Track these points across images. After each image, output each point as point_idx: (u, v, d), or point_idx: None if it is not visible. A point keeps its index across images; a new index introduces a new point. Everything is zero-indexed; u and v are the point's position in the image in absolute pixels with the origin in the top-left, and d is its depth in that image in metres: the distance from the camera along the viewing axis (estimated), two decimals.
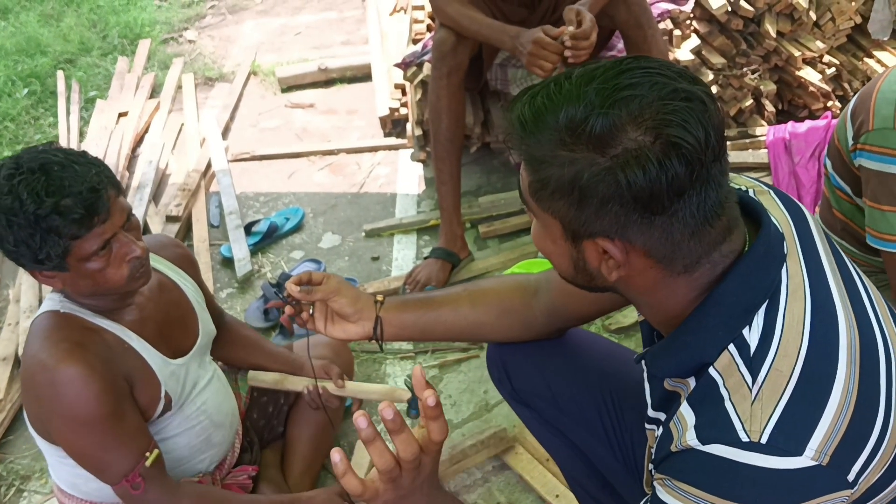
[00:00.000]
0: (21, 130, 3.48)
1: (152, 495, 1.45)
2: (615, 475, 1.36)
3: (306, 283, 1.28)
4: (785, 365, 0.85)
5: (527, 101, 0.87)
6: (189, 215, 2.85)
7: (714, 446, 0.84)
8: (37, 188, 1.29)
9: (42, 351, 1.39)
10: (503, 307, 1.32)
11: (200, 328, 1.63)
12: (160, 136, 3.27)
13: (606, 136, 0.81)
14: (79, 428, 1.39)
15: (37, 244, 1.31)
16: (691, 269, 0.88)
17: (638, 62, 0.85)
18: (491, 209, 2.71)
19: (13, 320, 2.46)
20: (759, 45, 2.80)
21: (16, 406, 2.21)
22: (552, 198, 0.87)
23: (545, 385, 1.37)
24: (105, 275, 1.37)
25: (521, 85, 2.61)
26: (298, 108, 3.51)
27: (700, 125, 0.81)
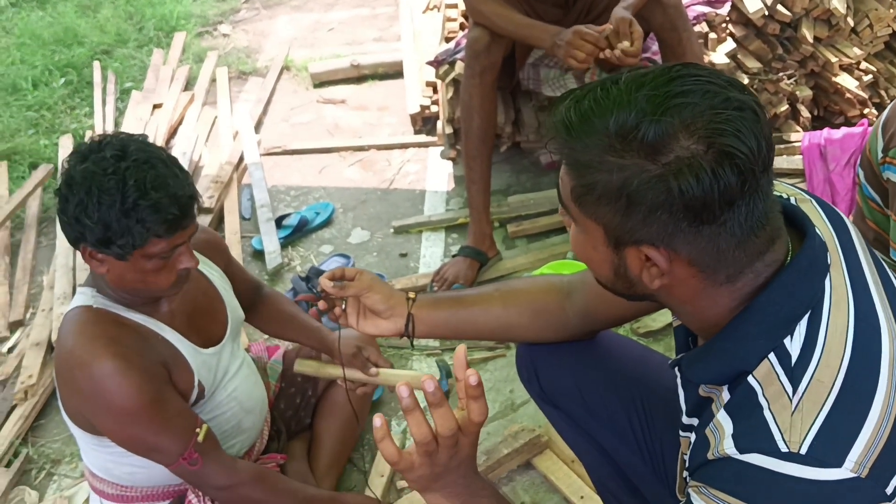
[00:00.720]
0: (57, 119, 3.54)
1: (211, 469, 1.48)
2: (643, 480, 1.35)
3: (339, 279, 1.29)
4: (827, 376, 0.84)
5: (572, 104, 0.87)
6: (221, 207, 2.88)
7: (752, 455, 0.83)
8: (144, 180, 1.31)
9: (78, 347, 1.41)
10: (535, 308, 1.32)
11: (229, 315, 1.65)
12: (194, 128, 3.31)
13: (658, 143, 0.81)
14: (125, 418, 1.42)
15: (119, 229, 1.33)
16: (734, 279, 0.87)
17: (688, 69, 0.84)
18: (520, 209, 2.71)
19: (46, 306, 2.50)
20: (796, 50, 2.77)
21: (48, 391, 2.25)
22: (597, 203, 0.86)
23: (575, 387, 1.36)
24: (156, 276, 1.40)
25: (553, 85, 2.61)
26: (330, 104, 3.53)
27: (752, 135, 0.81)
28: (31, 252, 2.79)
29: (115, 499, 1.62)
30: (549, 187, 2.83)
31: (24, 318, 2.53)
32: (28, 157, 3.29)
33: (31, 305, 2.60)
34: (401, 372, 1.91)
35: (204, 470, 1.48)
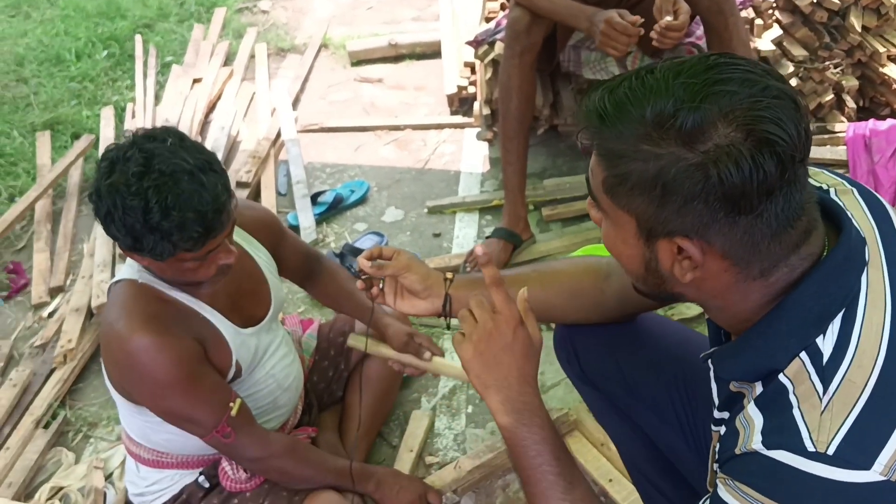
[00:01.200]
0: (100, 91, 3.58)
1: (243, 441, 1.51)
2: (684, 462, 1.34)
3: (377, 258, 1.29)
4: (859, 376, 0.83)
5: (605, 93, 0.86)
6: (258, 182, 2.91)
7: (779, 452, 0.82)
8: (167, 198, 1.28)
9: (118, 321, 1.44)
10: (574, 290, 1.31)
11: (273, 297, 1.66)
12: (232, 103, 3.34)
13: (696, 131, 0.80)
14: (160, 392, 1.45)
15: (147, 244, 1.33)
16: (768, 274, 0.86)
17: (725, 59, 0.83)
18: (555, 192, 2.70)
19: (87, 273, 2.55)
20: (843, 39, 2.71)
21: (87, 356, 2.30)
22: (631, 194, 0.85)
23: (616, 368, 1.36)
24: (195, 273, 1.41)
25: (593, 68, 2.58)
26: (367, 83, 3.53)
27: (792, 123, 0.80)
28: (71, 220, 2.84)
29: (150, 463, 1.66)
30: (585, 171, 2.75)
31: (64, 285, 2.59)
32: (70, 127, 3.34)
33: (71, 272, 2.65)
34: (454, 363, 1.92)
35: (237, 443, 1.51)
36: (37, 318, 2.50)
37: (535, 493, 1.04)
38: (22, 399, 2.19)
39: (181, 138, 1.36)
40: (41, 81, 3.67)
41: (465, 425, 2.03)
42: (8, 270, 2.70)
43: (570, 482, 1.02)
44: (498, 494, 1.85)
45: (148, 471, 1.66)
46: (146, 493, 1.68)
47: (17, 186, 3.05)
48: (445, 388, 2.12)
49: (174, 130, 1.38)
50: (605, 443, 1.86)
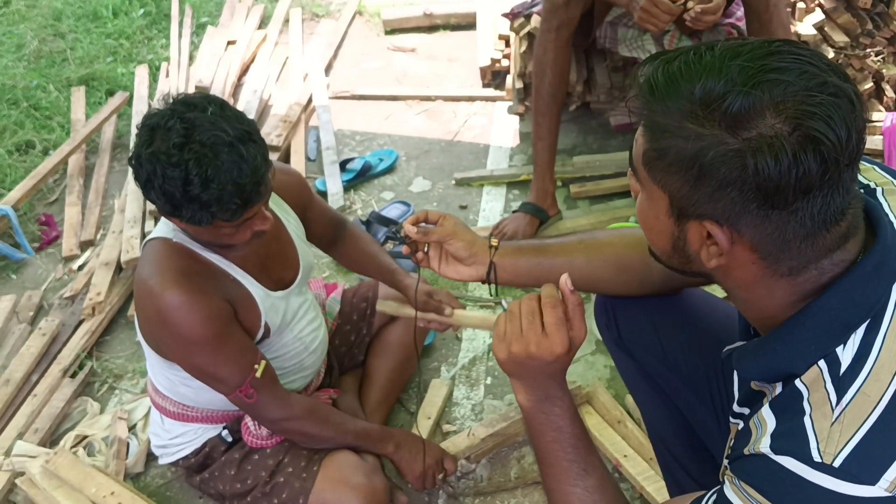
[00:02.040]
0: (135, 49, 3.61)
1: (265, 402, 1.54)
2: (712, 438, 1.34)
3: (423, 221, 1.29)
4: (874, 390, 0.81)
5: (660, 65, 0.84)
6: (288, 146, 2.92)
7: (785, 458, 0.82)
8: (207, 170, 1.28)
9: (151, 277, 1.46)
10: (621, 264, 1.30)
11: (301, 261, 1.67)
12: (265, 67, 3.35)
13: (742, 117, 0.78)
14: (188, 348, 1.47)
15: (186, 213, 1.34)
16: (796, 273, 0.84)
17: (789, 46, 0.80)
18: (585, 169, 2.68)
19: (117, 228, 2.58)
20: (886, 26, 2.65)
21: (114, 309, 2.34)
22: (667, 170, 0.84)
23: (656, 339, 1.35)
24: (231, 238, 1.43)
25: (630, 45, 2.55)
26: (400, 52, 3.52)
27: (844, 124, 0.77)
28: (104, 176, 2.88)
29: (175, 416, 1.69)
30: (615, 150, 2.79)
31: (94, 239, 2.63)
32: (105, 83, 3.37)
33: (101, 227, 2.69)
34: (475, 314, 1.94)
35: (259, 403, 1.54)
36: (67, 270, 2.55)
37: (549, 475, 1.05)
38: (50, 348, 2.24)
39: (221, 106, 1.35)
40: (78, 37, 3.70)
41: (484, 396, 2.05)
42: (40, 222, 2.75)
43: (584, 469, 1.03)
44: (513, 465, 1.87)
45: (172, 423, 1.70)
46: (169, 444, 1.72)
47: (52, 140, 3.09)
48: (465, 358, 2.14)
49: (214, 98, 1.37)
50: (623, 420, 1.87)
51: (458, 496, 1.82)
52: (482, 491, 1.83)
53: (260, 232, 1.44)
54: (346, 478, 1.58)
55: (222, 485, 1.66)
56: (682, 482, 1.43)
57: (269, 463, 1.63)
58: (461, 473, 1.85)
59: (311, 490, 1.58)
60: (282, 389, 1.59)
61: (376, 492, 1.59)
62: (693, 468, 1.40)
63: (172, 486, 1.90)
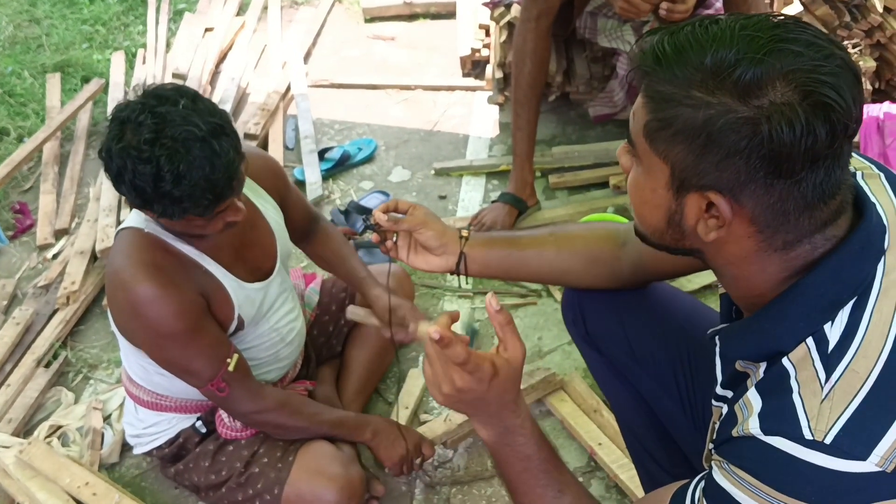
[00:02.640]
0: (111, 35, 3.56)
1: (237, 396, 1.54)
2: (680, 431, 1.35)
3: (393, 211, 1.28)
4: (863, 366, 0.82)
5: (666, 35, 0.83)
6: (266, 135, 2.90)
7: (776, 439, 0.82)
8: (178, 166, 1.27)
9: (123, 270, 1.44)
10: (591, 256, 1.30)
11: (279, 249, 1.66)
12: (244, 54, 3.32)
13: (754, 85, 0.78)
14: (160, 341, 1.47)
15: (157, 207, 1.33)
16: (789, 248, 0.85)
17: (794, 20, 0.82)
18: (563, 160, 2.68)
19: (92, 217, 2.55)
20: (864, 18, 2.67)
21: (89, 298, 2.31)
22: (672, 140, 0.83)
23: (622, 333, 1.36)
24: (203, 228, 1.41)
25: (610, 35, 2.55)
26: (380, 40, 3.50)
27: (850, 94, 0.78)
28: (79, 163, 2.85)
29: (149, 406, 1.68)
30: (594, 140, 2.79)
31: (69, 227, 2.60)
32: (81, 70, 3.33)
33: (76, 215, 2.66)
34: None
35: (231, 396, 1.53)
36: (41, 258, 2.52)
37: None
38: (24, 338, 2.22)
39: (193, 99, 1.33)
40: (53, 23, 3.65)
41: None
42: (14, 210, 2.72)
43: (559, 490, 1.03)
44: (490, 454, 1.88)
45: (146, 413, 1.68)
46: (143, 434, 1.71)
47: (26, 127, 3.05)
48: None
49: (186, 90, 1.35)
50: (598, 409, 1.88)
51: (436, 485, 1.83)
52: (459, 480, 1.83)
53: (232, 223, 1.43)
54: (321, 468, 1.58)
55: (197, 476, 1.66)
56: (653, 474, 1.44)
57: (244, 454, 1.63)
58: (438, 462, 1.85)
59: (287, 480, 1.58)
60: (254, 382, 1.59)
61: (352, 481, 1.59)
62: (664, 460, 1.41)
63: (147, 477, 1.89)
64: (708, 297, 2.18)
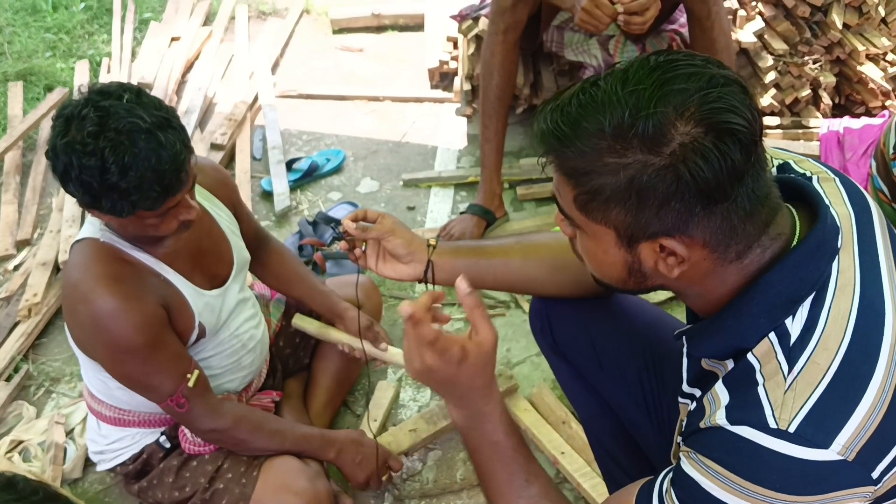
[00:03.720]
0: (75, 44, 3.52)
1: (196, 412, 1.52)
2: (646, 438, 1.37)
3: (362, 220, 1.29)
4: (823, 358, 0.85)
5: (557, 112, 0.86)
6: (233, 146, 2.88)
7: (741, 428, 0.85)
8: (123, 157, 1.26)
9: (82, 283, 1.42)
10: (556, 264, 1.32)
11: (235, 256, 1.65)
12: (210, 64, 3.30)
13: (658, 134, 0.81)
14: (121, 356, 1.44)
15: (106, 204, 1.31)
16: (742, 255, 0.88)
17: (665, 56, 0.85)
18: (531, 172, 2.71)
19: (55, 228, 2.51)
20: (824, 35, 2.74)
21: (51, 311, 2.27)
22: (606, 207, 0.86)
23: (589, 343, 1.38)
24: (157, 228, 1.39)
25: (576, 49, 2.58)
26: (348, 52, 3.50)
27: (745, 108, 0.82)
28: (41, 174, 2.80)
29: (112, 421, 1.65)
30: None
31: (31, 238, 2.56)
32: (44, 79, 3.28)
33: (39, 226, 2.62)
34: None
35: (191, 413, 1.51)
36: (2, 270, 2.47)
37: (491, 489, 1.06)
38: None
39: (138, 94, 1.32)
40: (16, 30, 3.59)
41: (430, 397, 2.05)
42: None
43: (525, 480, 1.04)
44: (459, 466, 1.88)
45: (109, 429, 1.66)
46: (106, 451, 1.68)
47: None
48: None
49: (130, 86, 1.34)
50: (567, 420, 1.89)
51: (404, 499, 1.82)
52: (428, 493, 1.83)
53: (187, 222, 1.41)
54: (287, 483, 1.57)
55: (161, 492, 1.63)
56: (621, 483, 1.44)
57: (208, 469, 1.61)
58: (407, 475, 1.85)
59: (252, 496, 1.56)
60: (214, 399, 1.56)
61: (319, 496, 1.58)
62: (632, 469, 1.43)
63: (111, 493, 1.86)
64: (673, 307, 2.21)
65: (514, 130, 2.89)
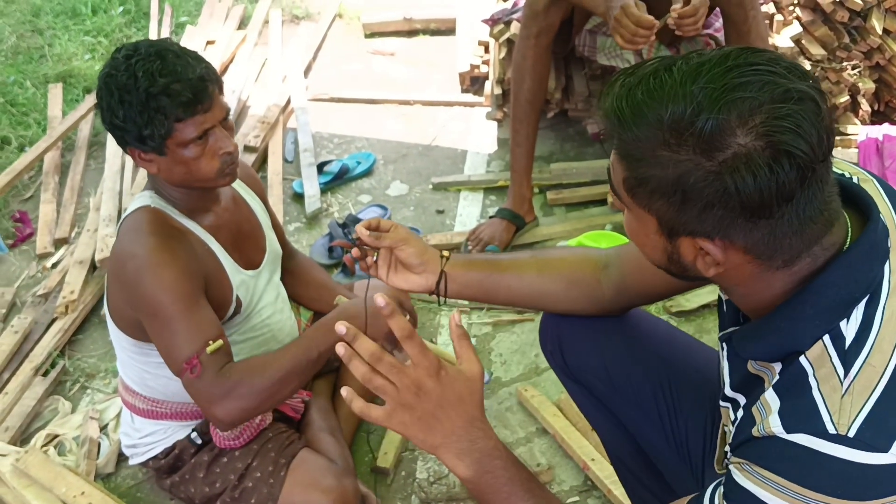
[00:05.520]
0: (113, 47, 3.57)
1: (206, 381, 1.46)
2: (663, 460, 1.35)
3: (375, 229, 1.28)
4: (879, 361, 0.84)
5: (624, 93, 0.85)
6: (266, 148, 2.91)
7: (799, 436, 0.83)
8: (152, 69, 1.38)
9: (132, 240, 1.48)
10: (571, 279, 1.30)
11: (267, 245, 1.71)
12: (244, 67, 3.34)
13: (715, 139, 0.79)
14: (157, 307, 1.45)
15: (143, 121, 1.39)
16: (790, 264, 0.87)
17: (746, 57, 0.82)
18: (561, 177, 2.70)
19: (92, 227, 2.56)
20: (863, 40, 2.69)
21: (88, 307, 2.32)
22: (651, 196, 0.86)
23: (601, 363, 1.35)
24: (198, 164, 1.45)
25: (608, 54, 2.57)
26: (379, 55, 3.53)
27: (813, 129, 0.79)
28: (79, 173, 2.86)
29: (145, 414, 1.68)
30: (593, 157, 2.81)
31: (69, 236, 2.61)
32: (83, 81, 3.35)
33: (76, 225, 2.67)
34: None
35: (201, 381, 1.45)
36: (40, 267, 2.52)
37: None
38: (22, 346, 2.22)
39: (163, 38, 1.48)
40: (56, 33, 3.67)
41: None
42: (14, 219, 2.72)
43: None
44: None
45: (142, 422, 1.69)
46: (139, 444, 1.71)
47: (28, 136, 3.06)
48: None
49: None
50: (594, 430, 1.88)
51: (431, 501, 1.82)
52: (455, 497, 1.83)
53: (227, 158, 1.47)
54: (315, 481, 1.58)
55: (193, 487, 1.66)
56: (646, 501, 1.44)
57: (238, 466, 1.63)
58: (434, 478, 1.85)
59: (280, 495, 1.57)
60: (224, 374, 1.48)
61: (346, 494, 1.58)
62: (656, 488, 1.40)
63: (143, 488, 1.89)
64: (706, 316, 2.19)
65: (545, 135, 2.89)
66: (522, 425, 1.97)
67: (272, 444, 1.66)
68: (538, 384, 2.07)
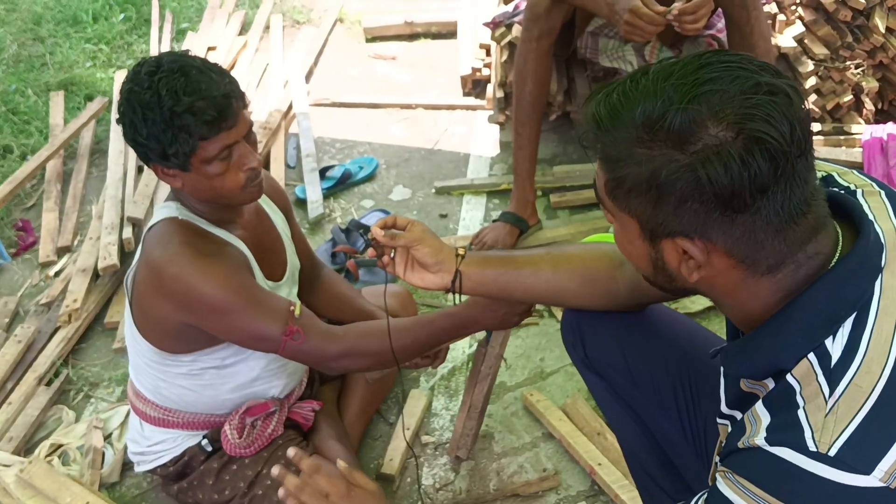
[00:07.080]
0: (114, 54, 3.58)
1: (314, 342, 1.48)
2: (681, 456, 1.34)
3: (391, 227, 1.29)
4: (866, 382, 0.83)
5: (602, 98, 0.87)
6: (268, 154, 2.91)
7: (781, 449, 0.83)
8: (175, 87, 1.35)
9: (165, 253, 1.46)
10: (587, 275, 1.31)
11: (288, 258, 1.69)
12: (246, 73, 3.33)
13: (685, 131, 0.80)
14: (220, 310, 1.44)
15: (167, 140, 1.37)
16: (775, 270, 0.86)
17: (718, 56, 0.83)
18: (565, 179, 2.69)
19: (94, 235, 2.55)
20: (866, 39, 2.68)
21: (91, 316, 2.31)
22: (629, 196, 0.87)
23: (622, 358, 1.35)
24: (223, 180, 1.43)
25: (611, 56, 2.56)
26: (381, 60, 3.52)
27: (785, 119, 0.79)
28: (82, 181, 2.85)
29: (155, 422, 1.67)
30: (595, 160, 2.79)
31: (71, 245, 2.60)
32: (84, 88, 3.34)
33: (79, 233, 2.66)
34: None
35: (310, 343, 1.47)
36: (43, 276, 2.52)
37: None
38: (26, 355, 2.21)
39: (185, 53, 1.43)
40: (57, 41, 3.67)
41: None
42: (17, 228, 2.72)
43: None
44: (492, 477, 1.87)
45: (152, 430, 1.68)
46: (147, 452, 1.70)
47: (30, 145, 3.06)
48: (444, 368, 2.13)
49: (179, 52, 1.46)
50: (602, 432, 1.87)
51: None
52: (461, 503, 1.82)
53: (252, 174, 1.44)
54: None
55: (201, 493, 1.65)
56: (657, 498, 1.43)
57: (248, 474, 1.62)
58: (440, 485, 1.84)
59: None
60: (326, 325, 1.53)
61: None
62: (667, 485, 1.40)
63: (148, 497, 1.88)
64: (712, 318, 2.18)
65: (548, 137, 2.88)
66: (528, 430, 1.96)
67: (282, 451, 1.65)
68: (544, 388, 2.06)
